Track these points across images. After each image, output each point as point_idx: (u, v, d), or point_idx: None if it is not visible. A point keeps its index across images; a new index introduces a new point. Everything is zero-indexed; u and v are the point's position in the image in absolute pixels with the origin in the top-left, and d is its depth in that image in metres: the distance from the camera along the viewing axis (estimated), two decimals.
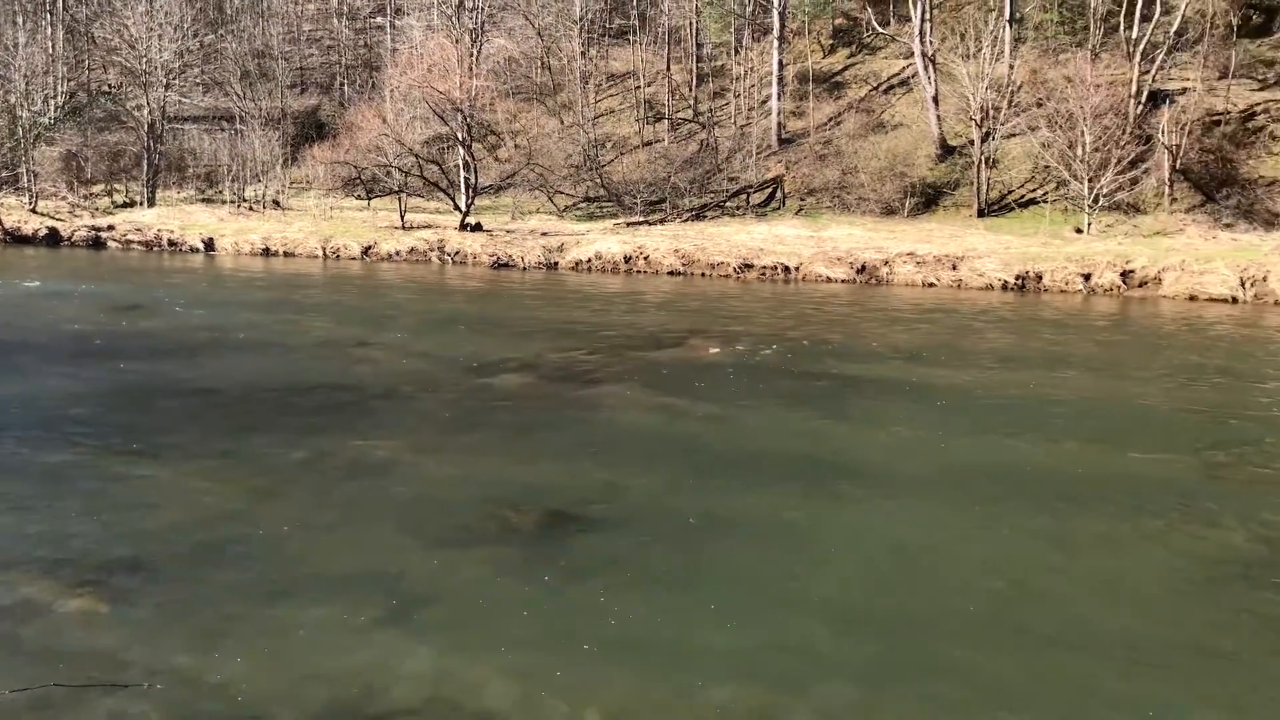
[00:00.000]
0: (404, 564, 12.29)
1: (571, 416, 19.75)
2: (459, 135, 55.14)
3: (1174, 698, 9.99)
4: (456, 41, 57.37)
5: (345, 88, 77.60)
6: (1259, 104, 47.98)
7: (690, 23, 66.29)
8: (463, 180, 55.49)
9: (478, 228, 52.60)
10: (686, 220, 53.16)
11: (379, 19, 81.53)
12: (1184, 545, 13.59)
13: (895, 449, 17.83)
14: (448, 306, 36.34)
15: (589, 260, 46.68)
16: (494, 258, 48.31)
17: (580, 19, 66.41)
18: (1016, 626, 11.31)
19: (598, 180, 59.23)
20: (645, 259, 45.62)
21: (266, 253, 52.76)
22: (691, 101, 64.74)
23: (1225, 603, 11.92)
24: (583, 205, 58.29)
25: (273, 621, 10.83)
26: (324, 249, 51.90)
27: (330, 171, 62.30)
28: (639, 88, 64.89)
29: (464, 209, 53.49)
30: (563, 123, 64.36)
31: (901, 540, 13.49)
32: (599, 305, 36.53)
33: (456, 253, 49.52)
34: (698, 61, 65.55)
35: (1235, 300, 35.67)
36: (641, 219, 54.08)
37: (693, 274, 43.70)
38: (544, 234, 51.00)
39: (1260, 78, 49.00)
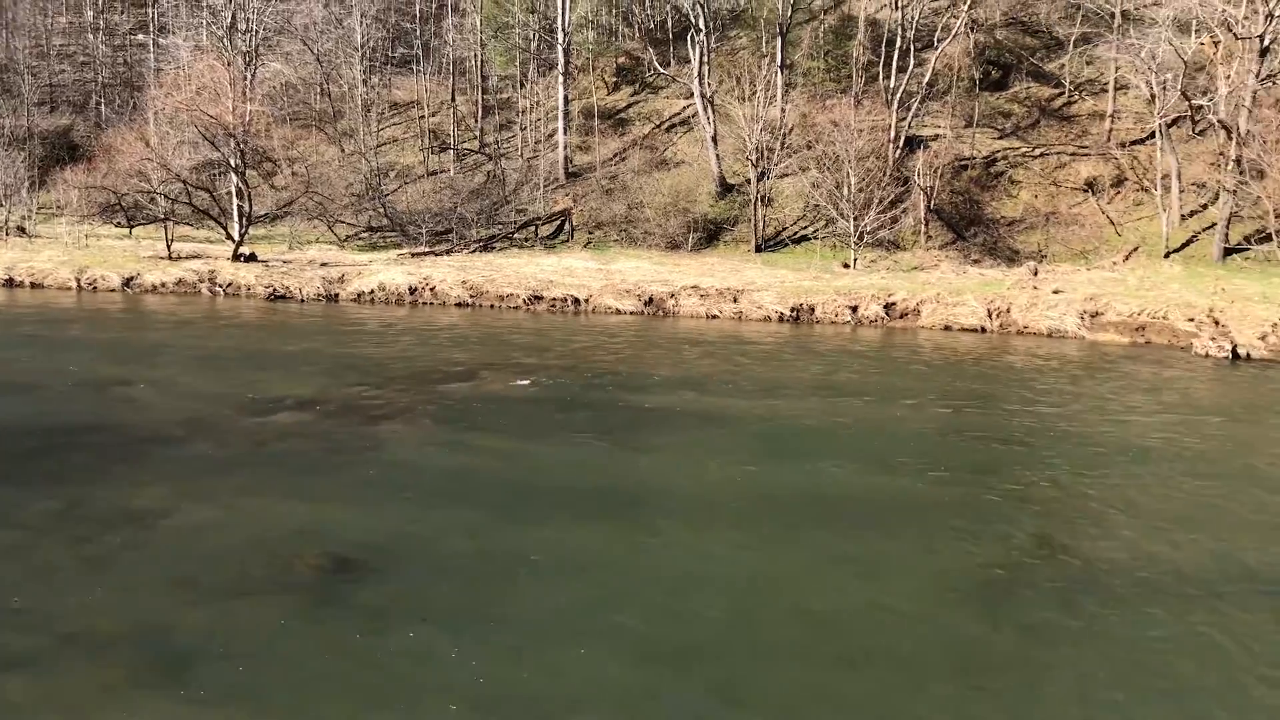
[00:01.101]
0: (173, 619, 11.44)
1: (356, 455, 19.07)
2: (231, 161, 52.52)
3: (953, 707, 10.67)
4: (229, 64, 54.80)
5: (102, 107, 72.54)
6: (999, 151, 52.88)
7: (475, 54, 66.21)
8: (235, 208, 52.76)
9: (252, 258, 50.21)
10: (474, 251, 52.76)
11: (140, 36, 76.84)
12: (952, 561, 14.58)
13: (688, 478, 18.23)
14: (219, 341, 34.41)
15: (372, 291, 45.47)
16: (270, 289, 46.22)
17: (361, 46, 65.00)
18: (804, 648, 11.76)
19: (381, 210, 57.86)
20: (432, 290, 44.89)
21: (10, 284, 48.42)
22: (478, 133, 64.53)
23: (991, 614, 12.85)
24: (365, 235, 56.80)
25: (10, 697, 9.79)
26: (78, 280, 48.09)
27: (85, 197, 57.85)
28: (423, 117, 64.07)
29: (237, 238, 50.94)
30: (344, 150, 62.61)
31: (696, 569, 13.78)
32: (384, 338, 35.59)
33: (229, 284, 47.06)
34: (483, 93, 65.46)
35: (984, 330, 38.93)
36: (427, 249, 53.21)
37: (481, 305, 43.37)
38: (324, 264, 49.27)
39: (999, 127, 54.04)
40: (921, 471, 18.97)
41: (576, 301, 43.53)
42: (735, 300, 41.96)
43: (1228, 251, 42.92)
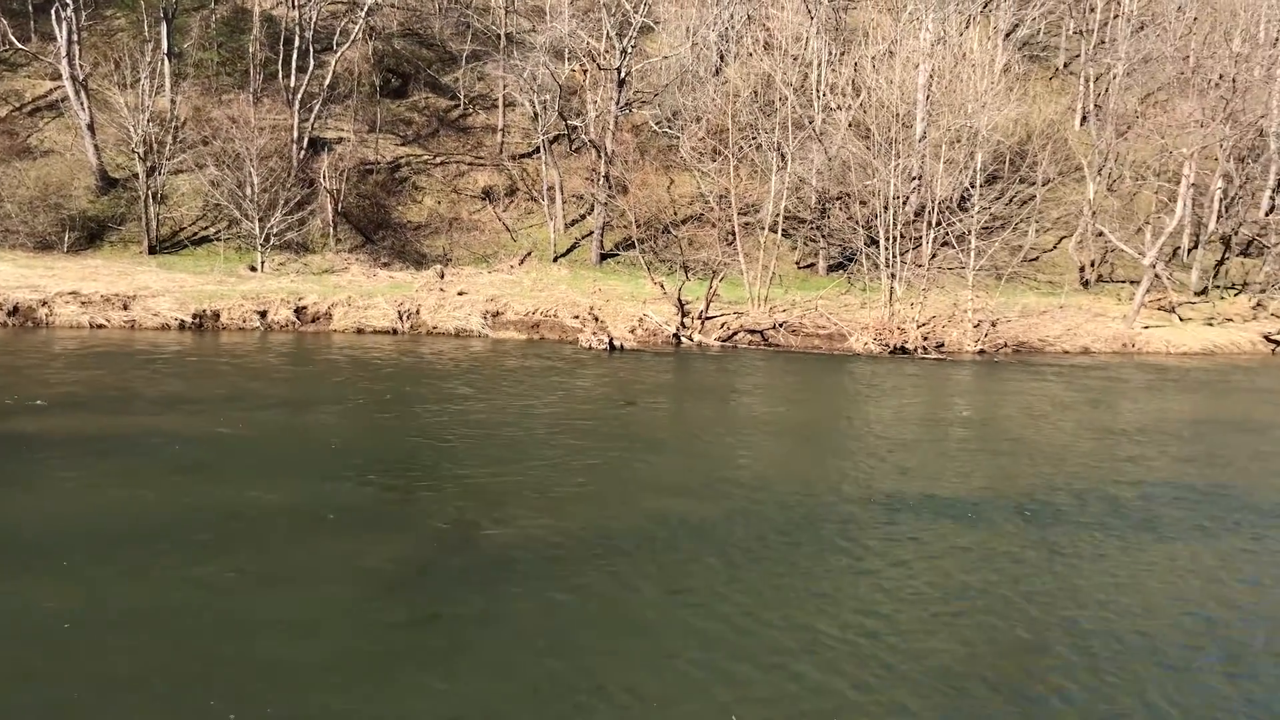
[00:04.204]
0: None
1: None
2: None
3: (373, 700, 10.68)
4: None
5: None
6: (403, 157, 54.34)
7: None
8: None
9: None
10: None
11: None
12: (378, 559, 14.62)
13: (83, 510, 16.05)
14: None
15: None
16: None
17: None
18: (196, 676, 11.01)
19: None
20: None
21: None
22: None
23: (415, 605, 13.11)
24: None
25: None
26: None
27: None
28: None
29: None
30: None
31: (86, 611, 12.19)
32: None
33: None
34: None
35: (396, 332, 39.78)
36: None
37: None
38: None
39: (402, 134, 55.53)
40: (345, 476, 18.81)
41: None
42: (126, 307, 38.06)
43: (604, 256, 48.76)
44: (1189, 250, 56.21)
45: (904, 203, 46.88)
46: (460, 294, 42.90)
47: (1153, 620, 13.33)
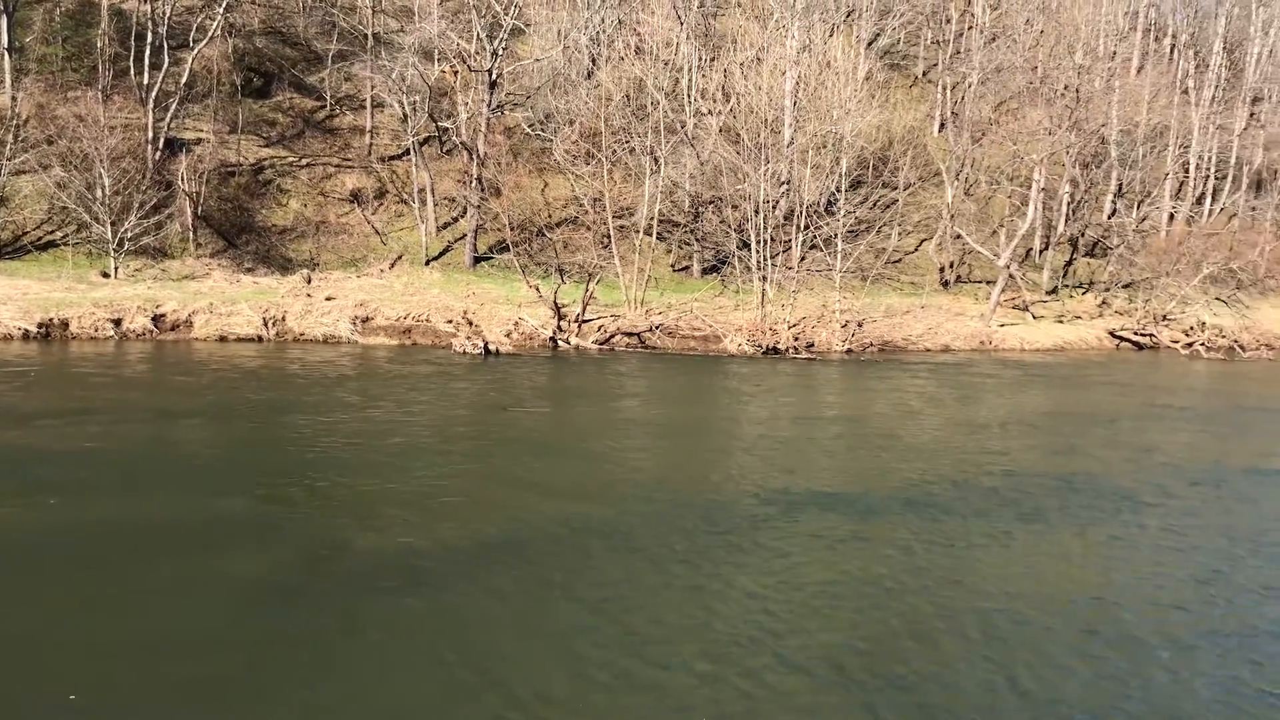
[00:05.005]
0: None
1: None
2: None
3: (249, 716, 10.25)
4: None
5: None
6: (266, 159, 52.43)
7: None
8: None
9: None
10: None
11: None
12: (254, 573, 14.02)
13: None
14: None
15: None
16: None
17: None
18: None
19: None
20: None
21: None
22: None
23: (290, 618, 12.63)
24: None
25: None
26: None
27: None
28: None
29: None
30: None
31: None
32: None
33: None
34: None
35: (261, 339, 38.32)
36: None
37: None
38: None
39: (266, 135, 53.58)
40: (214, 489, 18.01)
41: None
42: None
43: (477, 259, 48.20)
44: (1040, 251, 59.15)
45: (774, 206, 47.87)
46: (328, 299, 41.74)
47: (1031, 604, 13.91)
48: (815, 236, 47.23)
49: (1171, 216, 64.59)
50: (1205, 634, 13.28)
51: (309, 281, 43.86)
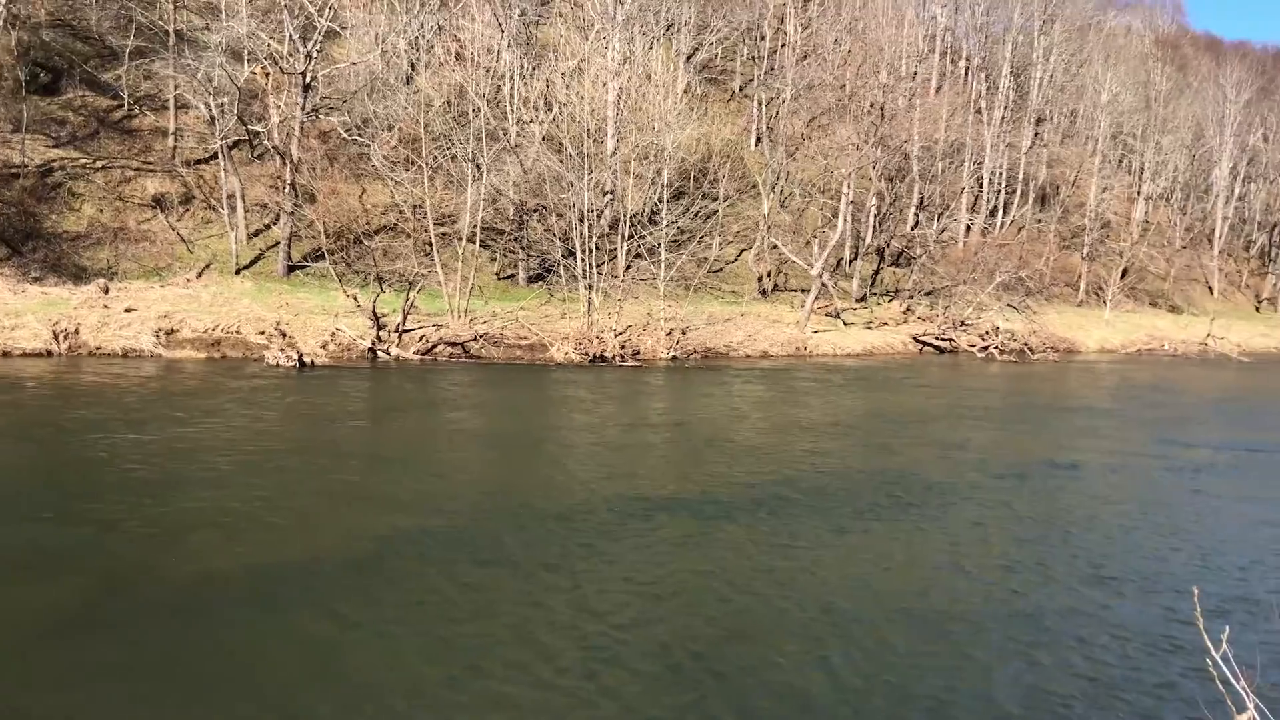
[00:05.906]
0: None
1: None
2: None
3: None
4: None
5: None
6: (55, 160, 48.65)
7: None
8: None
9: None
10: None
11: None
12: (39, 603, 12.91)
13: None
14: None
15: None
16: None
17: None
18: None
19: None
20: None
21: None
22: None
23: (87, 653, 11.67)
24: None
25: None
26: None
27: None
28: None
29: None
30: None
31: None
32: None
33: None
34: None
35: (51, 354, 35.48)
36: None
37: None
38: None
39: (55, 135, 49.71)
40: (5, 516, 16.49)
41: None
42: None
43: (291, 268, 46.27)
44: (850, 261, 61.91)
45: (599, 216, 48.17)
46: (128, 310, 39.14)
47: (851, 598, 14.39)
48: (639, 246, 47.82)
49: (968, 228, 69.00)
50: (1015, 615, 14.12)
51: (106, 291, 40.98)
